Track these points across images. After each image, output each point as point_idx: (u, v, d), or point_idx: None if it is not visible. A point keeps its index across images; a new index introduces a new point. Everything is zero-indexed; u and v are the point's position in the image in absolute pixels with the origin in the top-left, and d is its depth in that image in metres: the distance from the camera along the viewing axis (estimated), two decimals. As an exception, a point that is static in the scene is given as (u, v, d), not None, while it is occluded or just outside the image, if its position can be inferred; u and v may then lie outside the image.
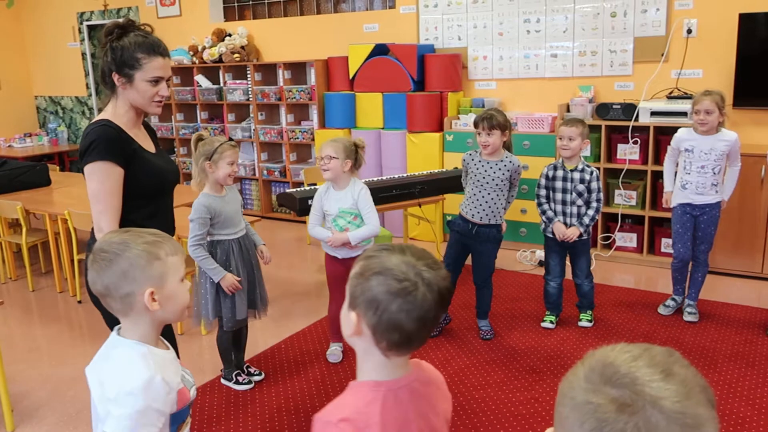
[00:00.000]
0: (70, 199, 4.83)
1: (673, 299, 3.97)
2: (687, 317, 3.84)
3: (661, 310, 3.96)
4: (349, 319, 1.20)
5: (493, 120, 3.45)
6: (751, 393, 3.06)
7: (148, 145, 2.30)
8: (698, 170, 3.67)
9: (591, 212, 3.63)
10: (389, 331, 1.16)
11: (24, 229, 4.72)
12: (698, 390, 0.80)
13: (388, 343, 1.18)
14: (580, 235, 3.64)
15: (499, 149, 3.54)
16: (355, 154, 3.30)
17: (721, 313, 3.96)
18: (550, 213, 3.72)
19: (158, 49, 2.19)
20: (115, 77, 2.17)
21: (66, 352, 3.77)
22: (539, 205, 3.77)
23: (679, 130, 3.80)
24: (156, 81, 2.19)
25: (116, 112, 2.22)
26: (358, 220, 3.30)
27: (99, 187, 2.12)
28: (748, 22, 4.50)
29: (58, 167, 6.65)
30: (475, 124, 3.55)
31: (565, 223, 3.67)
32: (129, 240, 1.48)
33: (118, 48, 2.15)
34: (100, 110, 2.37)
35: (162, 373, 1.47)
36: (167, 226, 2.38)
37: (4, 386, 3.00)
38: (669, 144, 3.86)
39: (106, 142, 2.13)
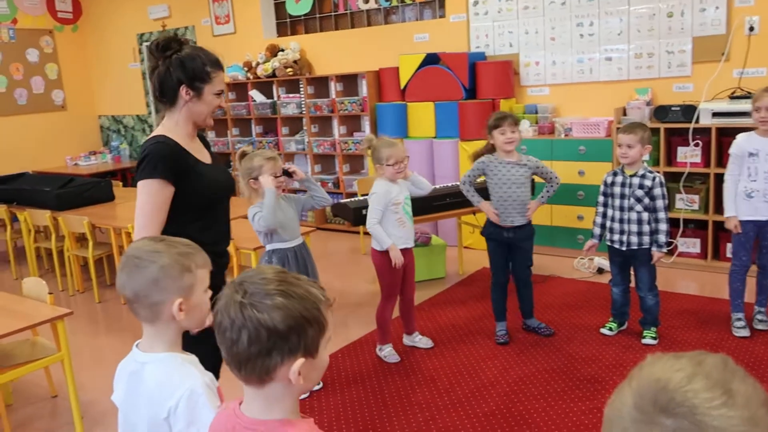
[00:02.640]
0: (132, 213, 4.98)
1: (740, 318, 3.66)
2: (758, 325, 3.67)
3: (738, 332, 3.61)
4: None
5: (515, 117, 3.62)
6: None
7: (204, 157, 2.33)
8: (765, 175, 3.48)
9: (663, 227, 3.47)
10: None
11: (90, 243, 4.90)
12: (764, 411, 0.73)
13: None
14: (640, 243, 3.53)
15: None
16: None
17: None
18: (596, 230, 3.69)
19: (220, 63, 2.25)
20: (184, 90, 2.19)
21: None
22: (596, 214, 3.72)
23: (738, 136, 3.61)
24: (220, 94, 2.25)
25: (175, 126, 2.24)
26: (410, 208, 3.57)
27: (146, 203, 2.17)
28: (815, 17, 4.32)
29: (121, 183, 6.88)
30: (497, 125, 3.56)
31: (622, 231, 3.57)
32: (162, 249, 1.51)
33: (188, 61, 2.17)
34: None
35: (203, 372, 1.54)
36: (222, 237, 2.40)
37: (74, 393, 3.12)
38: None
39: (159, 160, 2.16)
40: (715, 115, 4.55)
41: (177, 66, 2.18)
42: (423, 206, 4.39)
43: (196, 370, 1.54)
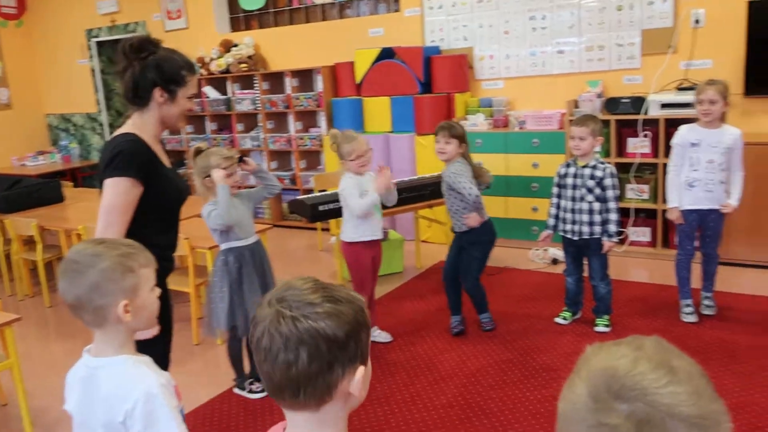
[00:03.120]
0: (83, 214, 4.87)
1: (688, 304, 3.77)
2: (705, 310, 3.79)
3: (687, 318, 3.72)
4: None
5: (453, 130, 3.56)
6: (773, 384, 3.02)
7: (166, 160, 2.31)
8: (707, 165, 3.56)
9: (613, 216, 3.54)
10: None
11: (39, 246, 4.76)
12: (704, 382, 0.78)
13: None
14: (591, 233, 3.60)
15: (454, 158, 3.60)
16: None
17: (737, 304, 3.90)
18: (550, 221, 3.75)
19: (195, 67, 2.24)
20: (158, 92, 2.17)
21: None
22: (550, 205, 3.78)
23: (681, 128, 3.69)
24: (192, 97, 2.25)
25: (143, 127, 2.21)
26: None
27: (114, 202, 2.10)
28: (757, 10, 4.45)
29: (71, 183, 6.70)
30: (436, 132, 3.63)
31: (574, 221, 3.64)
32: (102, 252, 1.47)
33: (164, 63, 2.16)
34: (111, 126, 2.39)
35: (159, 373, 1.52)
36: (174, 242, 2.39)
37: (24, 401, 3.03)
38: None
39: (131, 157, 2.11)
40: (664, 106, 4.66)
41: (153, 68, 2.15)
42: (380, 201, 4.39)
43: (151, 370, 1.52)
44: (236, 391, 3.34)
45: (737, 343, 3.42)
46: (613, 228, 3.56)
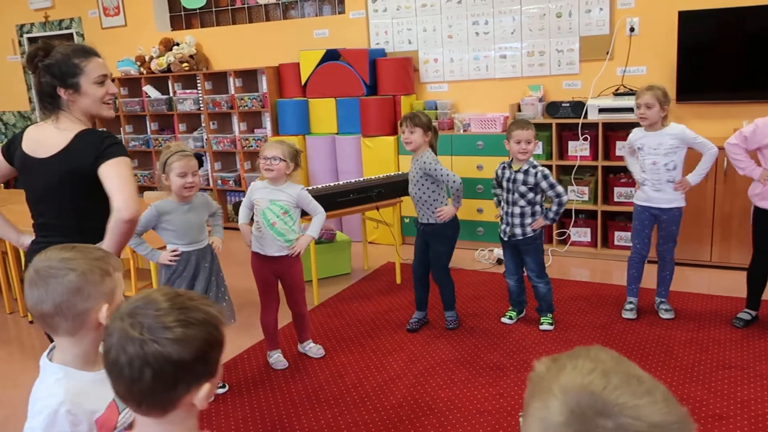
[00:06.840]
0: (15, 216, 4.66)
1: (631, 302, 3.90)
2: (664, 315, 3.83)
3: (627, 315, 3.85)
4: None
5: (416, 119, 3.61)
6: (706, 377, 3.15)
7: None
8: (651, 167, 3.68)
9: (555, 207, 3.62)
10: None
11: (-31, 250, 4.55)
12: (665, 388, 0.81)
13: None
14: (524, 233, 3.68)
15: (422, 147, 3.65)
16: (296, 158, 3.38)
17: (673, 302, 4.05)
18: (498, 211, 3.85)
19: (90, 50, 2.21)
20: (62, 92, 2.17)
21: (19, 375, 3.65)
22: (495, 196, 3.90)
23: (633, 130, 3.79)
24: (102, 81, 2.21)
25: (72, 125, 2.21)
26: (287, 217, 3.36)
27: (130, 174, 2.22)
28: (687, 19, 4.65)
29: (2, 184, 6.41)
30: (400, 123, 3.68)
31: (507, 222, 3.73)
32: (78, 256, 1.44)
33: (54, 63, 2.15)
34: None
35: (72, 401, 1.41)
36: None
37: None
38: (618, 140, 3.89)
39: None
40: (601, 110, 4.82)
41: (45, 72, 2.17)
42: (327, 202, 4.38)
43: (63, 398, 1.39)
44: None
45: (674, 339, 3.57)
46: (551, 215, 3.66)
